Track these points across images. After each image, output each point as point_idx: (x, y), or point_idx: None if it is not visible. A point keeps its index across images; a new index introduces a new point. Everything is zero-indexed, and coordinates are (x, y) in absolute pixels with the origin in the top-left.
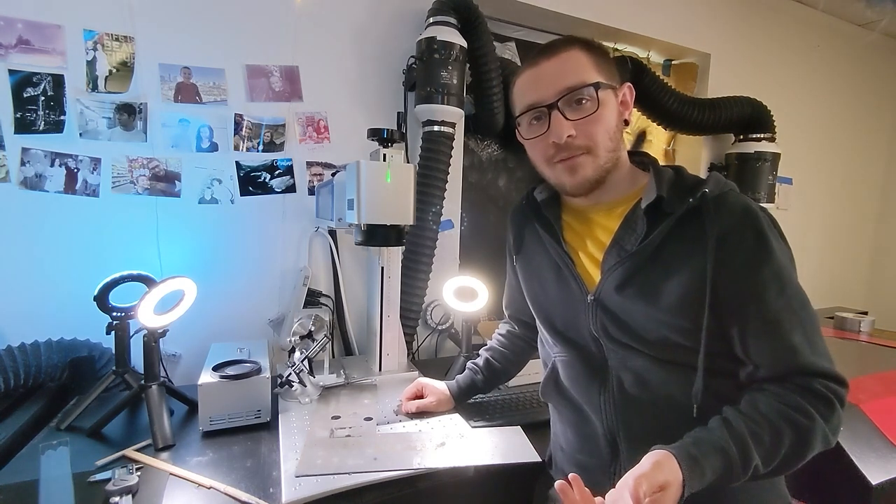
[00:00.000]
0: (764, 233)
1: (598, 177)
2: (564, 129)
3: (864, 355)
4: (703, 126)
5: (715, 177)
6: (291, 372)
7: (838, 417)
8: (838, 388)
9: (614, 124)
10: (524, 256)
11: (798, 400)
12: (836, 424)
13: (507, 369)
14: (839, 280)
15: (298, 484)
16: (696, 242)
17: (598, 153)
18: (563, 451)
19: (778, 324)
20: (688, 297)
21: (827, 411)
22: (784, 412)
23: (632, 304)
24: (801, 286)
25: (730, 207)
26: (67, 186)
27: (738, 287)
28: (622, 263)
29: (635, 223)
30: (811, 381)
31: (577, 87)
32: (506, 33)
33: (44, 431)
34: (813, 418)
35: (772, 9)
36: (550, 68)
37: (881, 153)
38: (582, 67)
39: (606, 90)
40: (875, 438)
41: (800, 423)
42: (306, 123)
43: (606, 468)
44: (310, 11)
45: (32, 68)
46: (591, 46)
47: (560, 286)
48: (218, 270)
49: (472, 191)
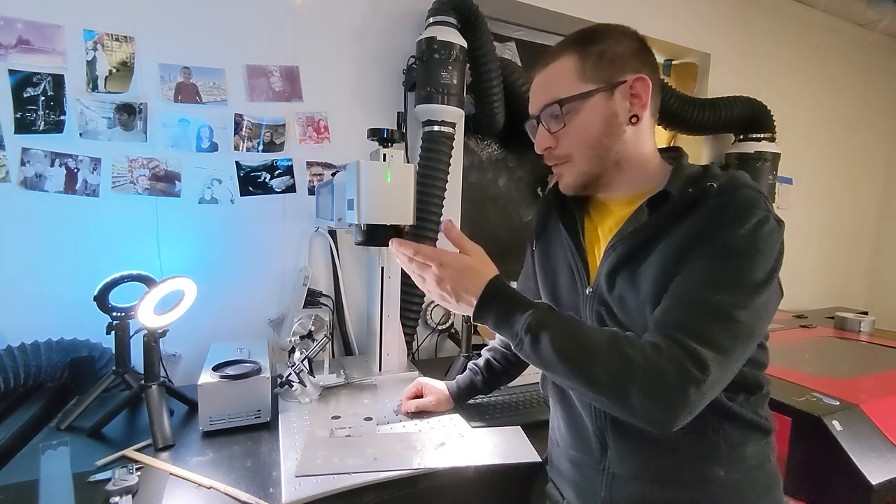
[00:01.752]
0: (745, 221)
1: (584, 181)
2: (542, 142)
3: (864, 355)
4: (704, 126)
5: (735, 174)
6: (291, 372)
7: (667, 380)
8: (690, 366)
9: (598, 130)
10: (543, 243)
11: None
12: (659, 383)
13: (507, 371)
14: (839, 280)
15: (298, 484)
16: (684, 231)
17: (576, 161)
18: (558, 446)
19: (691, 306)
20: (657, 284)
21: (659, 358)
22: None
23: (620, 293)
24: (756, 314)
25: (731, 201)
26: (67, 186)
27: (688, 268)
28: (614, 248)
29: (641, 214)
30: (662, 337)
31: (548, 105)
32: (506, 33)
33: (44, 431)
34: (639, 350)
35: (772, 9)
36: (539, 82)
37: (881, 153)
38: (563, 80)
39: (583, 100)
40: (875, 438)
41: (621, 348)
42: (306, 123)
43: (597, 464)
44: (310, 11)
45: (32, 68)
46: (583, 49)
47: (569, 278)
48: (218, 270)
49: (472, 191)
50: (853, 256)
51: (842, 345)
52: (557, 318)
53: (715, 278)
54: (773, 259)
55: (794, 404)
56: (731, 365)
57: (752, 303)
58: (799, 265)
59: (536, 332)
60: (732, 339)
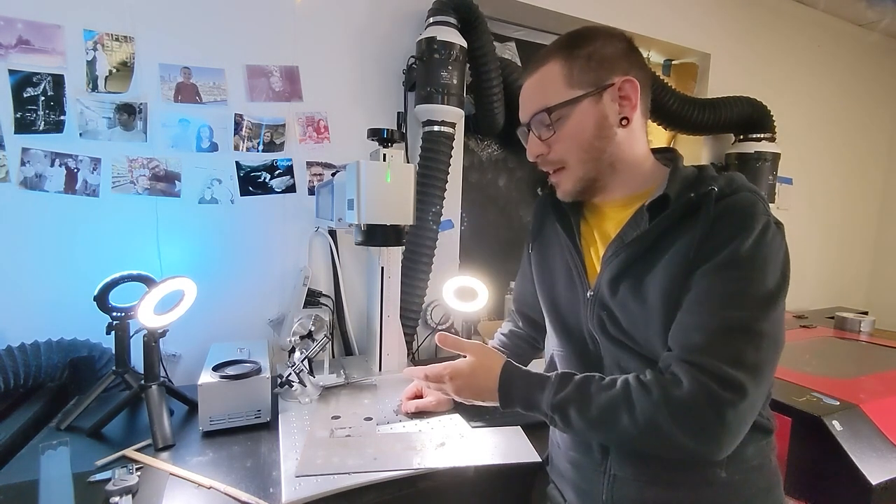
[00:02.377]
0: (750, 230)
1: (582, 186)
2: (534, 150)
3: (864, 355)
4: (704, 126)
5: (732, 176)
6: (291, 372)
7: (702, 415)
8: (722, 391)
9: (589, 134)
10: (540, 246)
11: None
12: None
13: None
14: (839, 280)
15: (298, 484)
16: (688, 240)
17: (571, 166)
18: (559, 447)
19: (711, 327)
20: (666, 295)
21: (683, 391)
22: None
23: (622, 299)
24: (776, 323)
25: (731, 203)
26: (67, 186)
27: (699, 286)
28: (616, 255)
29: (641, 219)
30: (692, 370)
31: (537, 113)
32: (506, 33)
33: (44, 431)
34: (650, 396)
35: (772, 9)
36: (527, 89)
37: (881, 153)
38: (551, 87)
39: (572, 105)
40: (875, 438)
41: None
42: (306, 123)
43: (597, 466)
44: (310, 11)
45: (32, 68)
46: (570, 54)
47: (567, 280)
48: (218, 270)
49: (472, 191)
50: (853, 256)
51: (842, 345)
52: (574, 387)
53: (729, 295)
54: (781, 264)
55: (795, 404)
56: (765, 379)
57: (772, 312)
58: (799, 265)
59: (563, 409)
60: (760, 352)
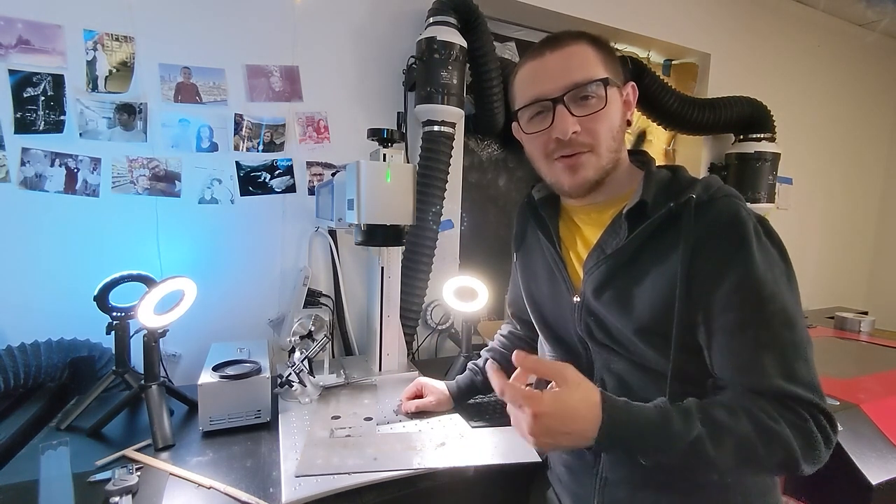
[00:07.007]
0: (747, 241)
1: (599, 178)
2: (569, 125)
3: (864, 355)
4: (703, 126)
5: (708, 181)
6: (291, 372)
7: (815, 444)
8: (818, 415)
9: (618, 123)
10: (523, 253)
11: (766, 408)
12: (813, 451)
13: (507, 371)
14: (839, 280)
15: (298, 484)
16: (672, 250)
17: (600, 152)
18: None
19: (746, 341)
20: (656, 307)
21: (797, 431)
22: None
23: (608, 309)
24: (795, 305)
25: (714, 214)
26: (67, 186)
27: (707, 299)
28: (598, 266)
29: (620, 226)
30: (781, 401)
31: (585, 83)
32: (506, 33)
33: (44, 431)
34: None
35: (772, 9)
36: (556, 61)
37: (881, 153)
38: (589, 62)
39: (613, 88)
40: (875, 438)
41: (770, 427)
42: (306, 123)
43: (590, 469)
44: (310, 11)
45: (32, 68)
46: (598, 42)
47: (552, 286)
48: (218, 270)
49: (472, 191)
50: (853, 256)
51: (842, 345)
52: (705, 420)
53: (759, 313)
54: (780, 254)
55: None
56: (810, 374)
57: (795, 303)
58: (799, 265)
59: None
60: (810, 364)
